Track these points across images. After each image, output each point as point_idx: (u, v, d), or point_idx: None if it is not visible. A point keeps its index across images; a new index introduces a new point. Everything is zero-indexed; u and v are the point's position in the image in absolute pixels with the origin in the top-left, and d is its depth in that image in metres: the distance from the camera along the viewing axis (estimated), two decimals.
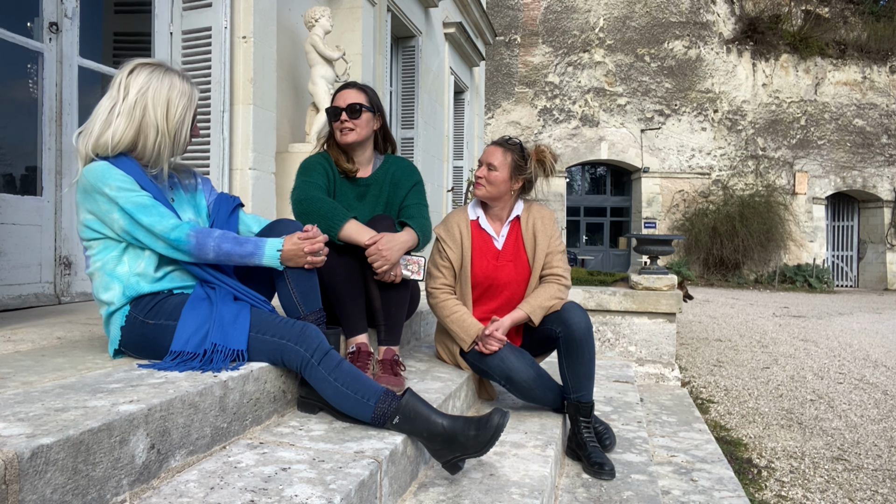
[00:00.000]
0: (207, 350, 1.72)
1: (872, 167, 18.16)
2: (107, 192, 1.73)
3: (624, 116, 18.27)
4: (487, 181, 2.58)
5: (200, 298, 1.80)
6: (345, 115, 2.43)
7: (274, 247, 1.85)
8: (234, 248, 1.81)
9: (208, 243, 1.78)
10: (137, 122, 1.79)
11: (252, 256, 1.83)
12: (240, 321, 1.79)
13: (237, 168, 3.84)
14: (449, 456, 1.76)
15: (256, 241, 1.85)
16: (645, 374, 4.86)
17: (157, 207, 1.77)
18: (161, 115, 1.80)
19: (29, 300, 2.91)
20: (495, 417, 1.74)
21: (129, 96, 1.78)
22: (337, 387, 1.76)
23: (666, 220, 18.15)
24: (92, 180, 1.74)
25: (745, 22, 18.44)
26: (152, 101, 1.79)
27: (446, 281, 2.59)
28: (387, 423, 1.77)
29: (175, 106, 1.82)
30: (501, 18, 18.36)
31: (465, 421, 1.76)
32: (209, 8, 3.77)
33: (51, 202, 3.04)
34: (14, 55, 3.03)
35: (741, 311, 11.17)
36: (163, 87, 1.81)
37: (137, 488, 1.32)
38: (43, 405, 1.31)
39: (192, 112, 1.89)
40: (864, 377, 5.75)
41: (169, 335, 1.75)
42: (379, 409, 1.75)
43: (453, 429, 1.74)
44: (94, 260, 1.82)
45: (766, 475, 3.33)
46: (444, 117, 8.55)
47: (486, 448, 1.74)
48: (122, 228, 1.76)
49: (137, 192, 1.76)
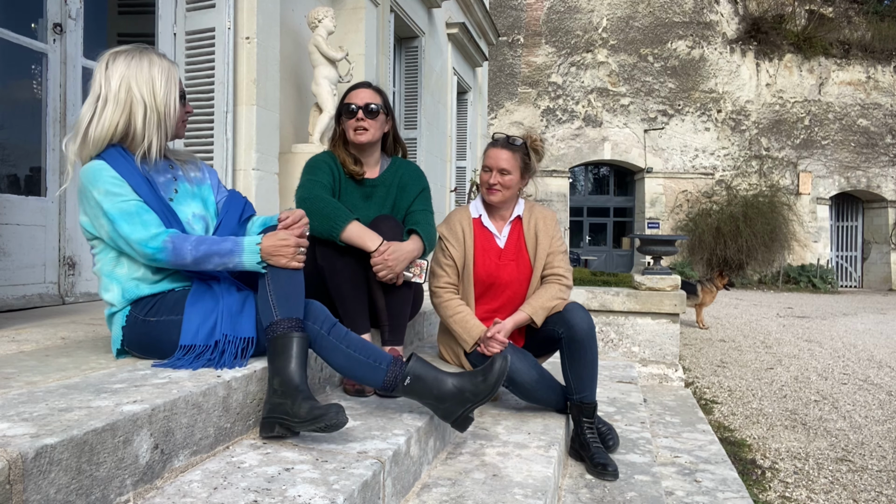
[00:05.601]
0: (219, 341, 1.72)
1: (877, 167, 18.11)
2: (95, 195, 1.71)
3: (627, 117, 18.24)
4: (503, 186, 2.55)
5: (202, 291, 1.79)
6: (362, 113, 2.40)
7: (253, 241, 1.76)
8: (211, 248, 1.74)
9: (185, 247, 1.72)
10: (124, 103, 1.76)
11: (231, 254, 1.74)
12: (247, 309, 1.79)
13: (240, 168, 3.84)
14: (459, 410, 1.82)
15: (235, 239, 1.78)
16: (648, 375, 4.85)
17: (141, 215, 1.72)
18: (147, 91, 1.78)
19: (33, 300, 2.92)
20: (498, 361, 1.87)
21: (111, 84, 1.76)
22: (349, 353, 1.78)
23: (669, 221, 18.12)
24: (84, 181, 1.73)
25: (748, 22, 18.40)
26: (136, 81, 1.77)
27: (450, 280, 2.58)
28: (398, 385, 1.79)
29: (158, 81, 1.80)
30: (504, 19, 18.35)
31: (470, 373, 1.87)
32: (213, 9, 3.77)
33: (55, 203, 3.05)
34: (18, 56, 3.04)
35: (745, 311, 11.14)
36: (142, 66, 1.79)
37: (141, 488, 1.32)
38: (47, 405, 1.31)
39: (176, 86, 1.85)
40: (868, 378, 5.73)
41: (174, 330, 1.74)
42: (391, 372, 1.79)
43: (461, 382, 1.82)
44: (97, 259, 1.83)
45: (770, 476, 3.32)
46: (448, 118, 8.55)
47: (493, 390, 1.82)
48: (107, 234, 1.75)
49: (125, 196, 1.72)
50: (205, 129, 3.78)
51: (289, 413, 1.60)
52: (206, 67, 3.77)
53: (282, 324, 1.70)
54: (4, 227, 2.80)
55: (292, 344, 1.67)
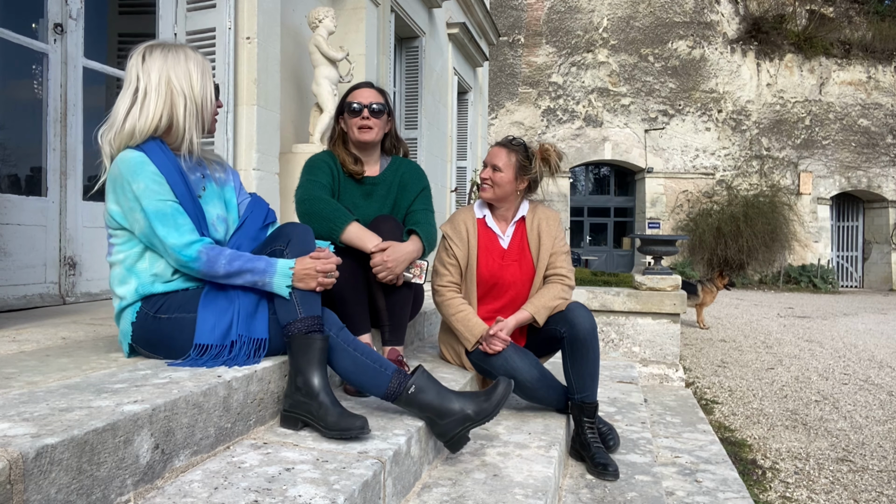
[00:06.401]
0: (235, 342, 1.73)
1: (877, 167, 18.11)
2: (134, 188, 1.70)
3: (628, 117, 18.24)
4: (493, 182, 2.57)
5: (216, 291, 1.79)
6: (367, 112, 2.42)
7: (286, 265, 1.79)
8: (245, 265, 1.76)
9: (219, 260, 1.74)
10: (165, 96, 1.77)
11: (264, 274, 1.77)
12: (261, 310, 1.81)
13: (241, 168, 3.84)
14: (458, 428, 1.82)
15: (268, 260, 1.80)
16: (649, 375, 4.85)
17: (175, 218, 1.73)
18: (187, 84, 1.79)
19: (33, 300, 2.92)
20: (501, 384, 1.87)
21: (151, 76, 1.77)
22: (356, 356, 1.81)
23: (670, 221, 18.12)
24: (124, 171, 1.71)
25: (749, 22, 18.40)
26: (174, 74, 1.78)
27: (453, 279, 2.58)
28: (402, 393, 1.80)
29: (195, 74, 1.82)
30: (505, 19, 18.35)
31: (473, 394, 1.87)
32: (213, 9, 3.78)
33: (55, 203, 3.05)
34: (19, 56, 3.04)
35: (745, 311, 11.14)
36: (179, 60, 1.80)
37: (142, 488, 1.32)
38: (48, 405, 1.32)
39: (211, 80, 1.87)
40: (869, 378, 5.73)
41: (186, 328, 1.74)
42: (395, 379, 1.81)
43: (464, 401, 1.83)
44: (118, 251, 1.80)
45: (771, 476, 3.32)
46: (448, 118, 8.55)
47: (493, 413, 1.83)
48: (141, 230, 1.74)
49: (163, 196, 1.72)
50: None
51: (314, 415, 1.69)
52: None
53: (304, 321, 1.76)
54: (5, 227, 2.80)
55: (316, 344, 1.73)
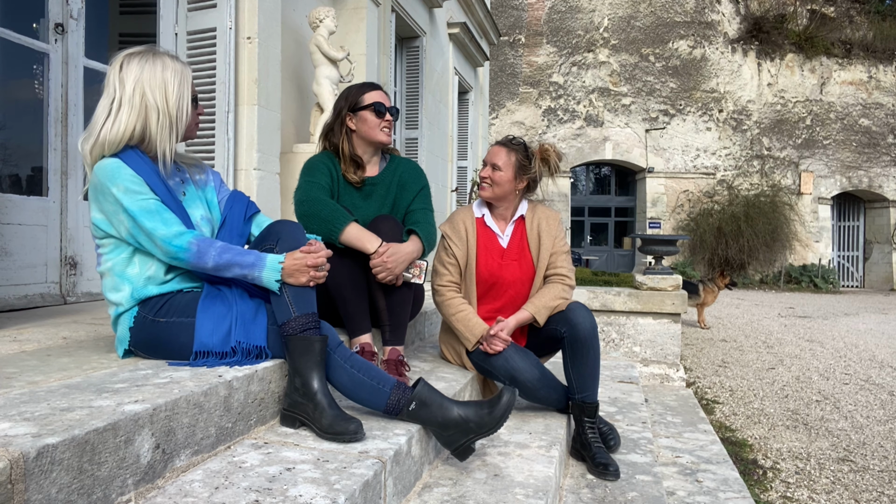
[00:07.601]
0: (235, 348, 1.73)
1: (878, 167, 18.09)
2: (114, 192, 1.71)
3: (628, 116, 18.24)
4: (492, 181, 2.58)
5: (214, 295, 1.79)
6: (388, 114, 2.50)
7: (276, 259, 1.79)
8: (235, 258, 1.76)
9: (209, 252, 1.74)
10: (139, 108, 1.77)
11: (253, 268, 1.76)
12: (259, 317, 1.80)
13: (242, 168, 3.84)
14: (462, 440, 1.80)
15: (258, 254, 1.80)
16: (650, 375, 4.85)
17: (161, 213, 1.74)
18: (160, 96, 1.79)
19: (34, 300, 2.92)
20: (505, 394, 1.84)
21: (126, 87, 1.77)
22: (353, 373, 1.79)
23: (671, 221, 18.11)
24: (102, 178, 1.73)
25: (750, 21, 18.38)
26: (149, 86, 1.78)
27: (452, 278, 2.58)
28: (402, 410, 1.79)
29: (171, 85, 1.81)
30: (506, 18, 18.35)
31: (477, 403, 1.84)
32: (214, 9, 3.78)
33: (56, 202, 3.06)
34: (20, 56, 3.04)
35: (746, 311, 11.13)
36: (156, 70, 1.79)
37: (142, 488, 1.32)
38: (48, 405, 1.32)
39: (189, 89, 1.86)
40: (869, 378, 5.72)
41: (185, 332, 1.74)
42: (394, 395, 1.79)
43: (467, 412, 1.80)
44: (106, 259, 1.81)
45: (772, 476, 3.31)
46: (449, 117, 8.55)
47: (498, 425, 1.81)
48: (127, 231, 1.75)
49: (145, 195, 1.74)
50: (206, 129, 3.78)
51: (311, 417, 1.70)
52: (207, 67, 3.77)
53: (299, 320, 1.75)
54: (6, 227, 2.80)
55: (314, 346, 1.72)
